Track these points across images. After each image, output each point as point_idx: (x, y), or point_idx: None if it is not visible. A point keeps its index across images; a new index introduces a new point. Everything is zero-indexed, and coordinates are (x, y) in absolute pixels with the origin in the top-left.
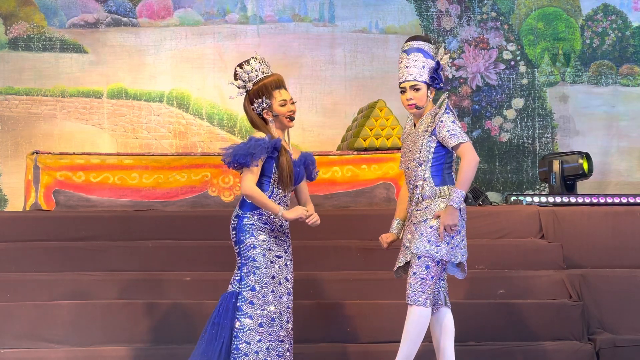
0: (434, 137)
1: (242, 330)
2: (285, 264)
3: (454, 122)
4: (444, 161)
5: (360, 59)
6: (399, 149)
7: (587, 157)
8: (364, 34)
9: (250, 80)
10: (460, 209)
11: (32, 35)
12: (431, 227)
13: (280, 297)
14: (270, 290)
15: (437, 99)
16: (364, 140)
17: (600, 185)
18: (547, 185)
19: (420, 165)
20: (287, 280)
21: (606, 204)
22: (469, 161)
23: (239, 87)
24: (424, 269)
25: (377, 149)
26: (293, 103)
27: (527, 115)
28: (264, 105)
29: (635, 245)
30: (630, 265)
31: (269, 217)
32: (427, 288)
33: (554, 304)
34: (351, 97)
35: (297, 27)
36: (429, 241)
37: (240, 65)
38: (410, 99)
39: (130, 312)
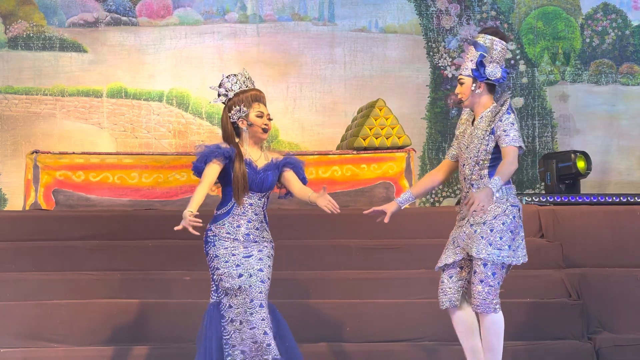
0: (493, 137)
1: (229, 336)
2: (259, 259)
3: (512, 124)
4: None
5: (360, 58)
6: (398, 148)
7: (585, 156)
8: (364, 33)
9: (232, 90)
10: (519, 208)
11: (31, 35)
12: (491, 230)
13: (250, 286)
14: (237, 287)
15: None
16: (364, 140)
17: (601, 185)
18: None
19: (478, 164)
20: (261, 270)
21: (606, 203)
22: (511, 163)
23: (219, 95)
24: (490, 275)
25: (376, 149)
26: (270, 119)
27: (527, 114)
28: (241, 113)
29: (635, 245)
30: (630, 265)
31: (232, 226)
32: (496, 294)
33: (554, 303)
34: (351, 96)
35: (297, 26)
36: (490, 244)
37: (228, 76)
38: (458, 92)
39: (130, 311)
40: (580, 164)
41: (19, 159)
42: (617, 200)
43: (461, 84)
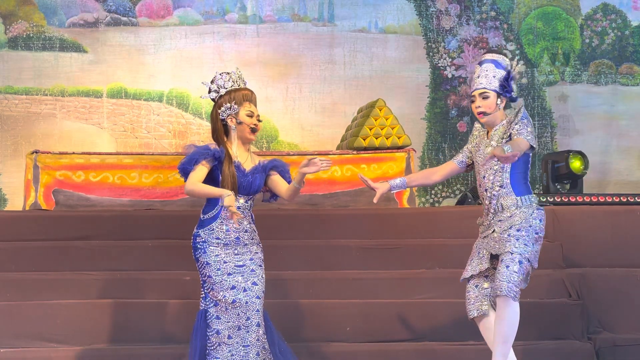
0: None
1: (213, 347)
2: (252, 270)
3: (527, 126)
4: (522, 169)
5: (360, 58)
6: (398, 148)
7: (582, 155)
8: (364, 34)
9: (224, 87)
10: (543, 213)
11: (31, 35)
12: (518, 230)
13: (247, 303)
14: (231, 300)
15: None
16: (364, 140)
17: (600, 185)
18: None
19: (499, 172)
20: (255, 284)
21: (606, 203)
22: (519, 143)
23: (210, 91)
24: (517, 263)
25: (376, 149)
26: (259, 121)
27: None
28: (231, 110)
29: (635, 245)
30: (630, 265)
31: (221, 231)
32: (518, 283)
33: (554, 304)
34: (350, 96)
35: (297, 26)
36: (518, 240)
37: (221, 74)
38: (479, 106)
39: (130, 311)
40: (576, 164)
41: (19, 159)
42: (617, 200)
43: (485, 97)
